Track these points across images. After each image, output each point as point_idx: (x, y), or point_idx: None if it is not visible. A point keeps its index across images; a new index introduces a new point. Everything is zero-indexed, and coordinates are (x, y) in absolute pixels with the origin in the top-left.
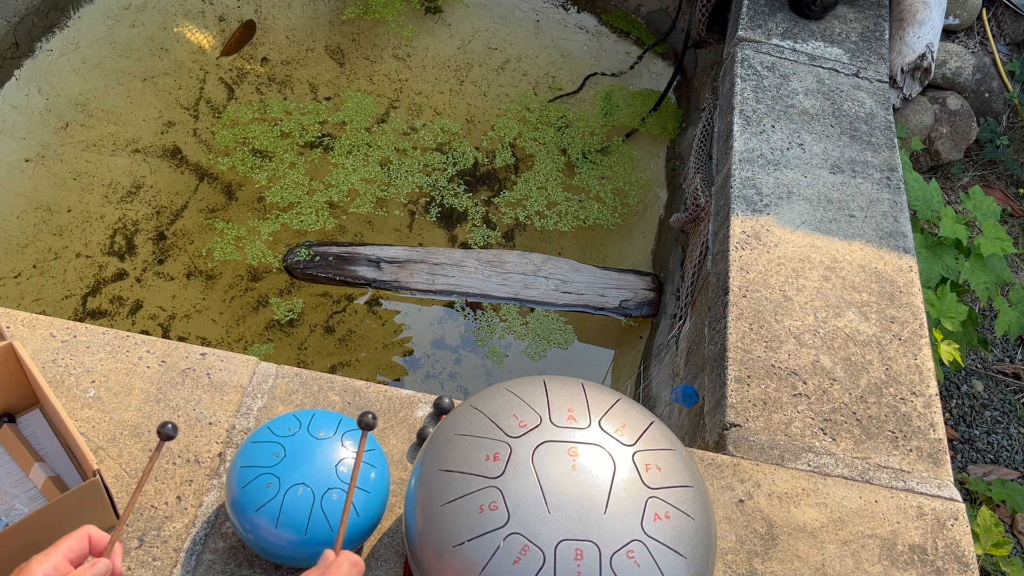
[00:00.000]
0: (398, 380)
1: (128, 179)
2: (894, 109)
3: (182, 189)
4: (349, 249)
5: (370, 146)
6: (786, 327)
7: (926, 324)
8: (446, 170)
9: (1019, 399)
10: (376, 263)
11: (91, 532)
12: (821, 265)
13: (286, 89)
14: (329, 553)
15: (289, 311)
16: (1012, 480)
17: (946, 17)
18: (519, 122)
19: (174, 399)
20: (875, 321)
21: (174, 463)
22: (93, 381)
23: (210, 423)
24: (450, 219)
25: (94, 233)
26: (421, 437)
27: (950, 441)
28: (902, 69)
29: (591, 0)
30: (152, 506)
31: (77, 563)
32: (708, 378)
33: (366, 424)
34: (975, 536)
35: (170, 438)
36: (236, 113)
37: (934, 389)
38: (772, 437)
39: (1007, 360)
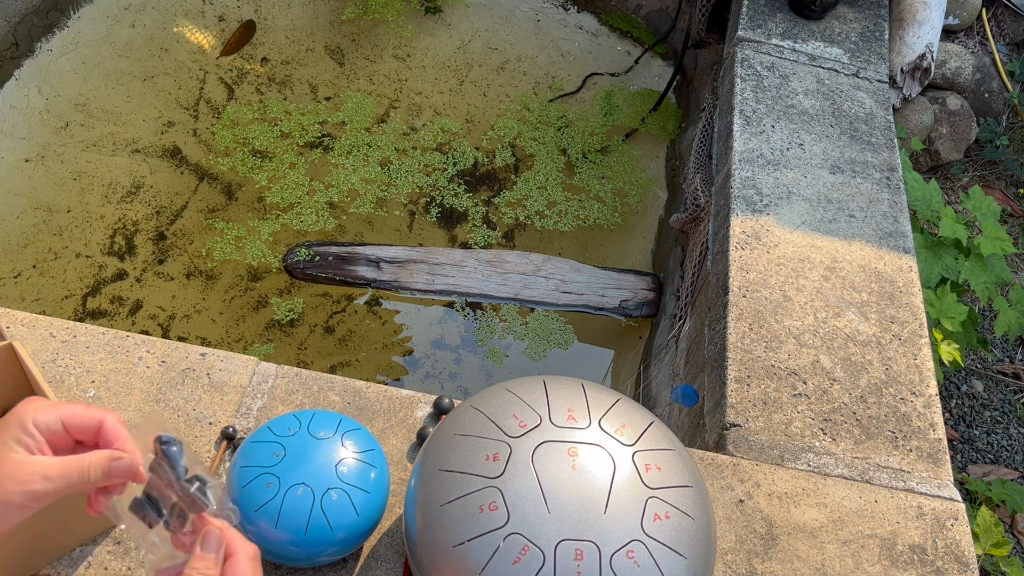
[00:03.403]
0: (398, 380)
1: (128, 179)
2: (894, 109)
3: (182, 189)
4: (349, 249)
5: (370, 146)
6: (786, 327)
7: (926, 324)
8: (446, 170)
9: (1019, 399)
10: (376, 263)
11: (107, 420)
12: (821, 265)
13: (286, 89)
14: (216, 535)
15: (289, 311)
16: (1012, 480)
17: (946, 17)
18: (519, 122)
19: (174, 399)
20: (875, 321)
21: None
22: (93, 381)
23: (210, 423)
24: (450, 219)
25: (94, 233)
26: (421, 437)
27: (950, 441)
28: (902, 69)
29: (591, 0)
30: None
31: (76, 438)
32: (708, 378)
33: None
34: (975, 536)
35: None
36: (236, 113)
37: (934, 389)
38: (772, 437)
39: (1007, 360)
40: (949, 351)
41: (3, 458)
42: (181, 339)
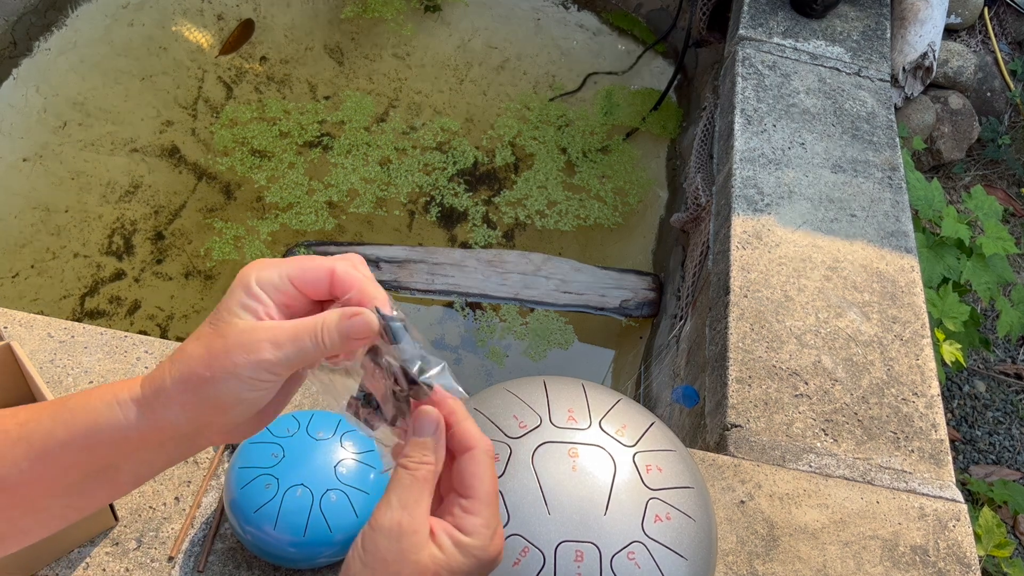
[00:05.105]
0: None
1: (126, 178)
2: (896, 108)
3: (180, 189)
4: (348, 249)
5: (369, 145)
6: (787, 327)
7: (928, 324)
8: (446, 169)
9: (1021, 399)
10: (376, 263)
11: (337, 268)
12: (823, 265)
13: (285, 88)
14: (432, 417)
15: None
16: (1014, 481)
17: (948, 16)
18: (519, 121)
19: None
20: (877, 321)
21: None
22: (91, 381)
23: None
24: (450, 219)
25: (92, 233)
26: None
27: (952, 442)
28: (904, 68)
29: None
30: (150, 507)
31: (309, 295)
32: (709, 378)
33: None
34: (977, 537)
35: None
36: (235, 112)
37: (936, 389)
38: (773, 438)
39: (1009, 360)
40: (951, 351)
41: (229, 326)
42: (180, 339)
